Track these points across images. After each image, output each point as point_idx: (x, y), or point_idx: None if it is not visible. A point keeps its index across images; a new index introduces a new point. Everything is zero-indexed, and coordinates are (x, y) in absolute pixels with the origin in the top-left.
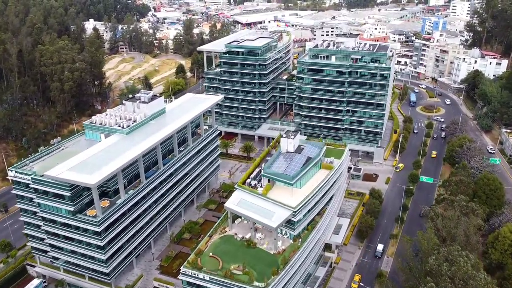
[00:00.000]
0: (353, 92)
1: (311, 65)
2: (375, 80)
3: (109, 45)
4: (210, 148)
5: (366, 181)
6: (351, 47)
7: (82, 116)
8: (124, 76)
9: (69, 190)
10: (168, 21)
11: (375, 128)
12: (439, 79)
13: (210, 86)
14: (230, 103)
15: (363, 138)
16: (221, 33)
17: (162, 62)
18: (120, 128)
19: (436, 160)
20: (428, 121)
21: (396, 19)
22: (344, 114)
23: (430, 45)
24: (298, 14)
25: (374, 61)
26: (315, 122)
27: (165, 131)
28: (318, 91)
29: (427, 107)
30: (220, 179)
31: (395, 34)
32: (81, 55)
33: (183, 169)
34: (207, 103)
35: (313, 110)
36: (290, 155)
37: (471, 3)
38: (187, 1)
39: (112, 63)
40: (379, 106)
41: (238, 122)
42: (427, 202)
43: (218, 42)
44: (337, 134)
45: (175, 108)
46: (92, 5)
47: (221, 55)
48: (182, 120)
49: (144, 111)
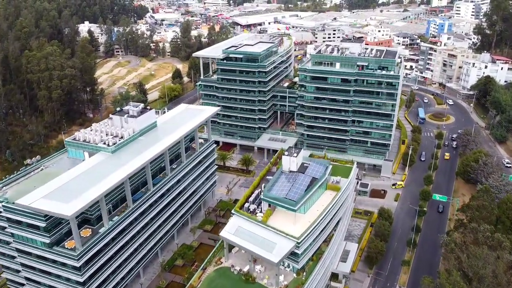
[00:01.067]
0: (359, 102)
1: (314, 73)
2: (382, 89)
3: (104, 48)
4: (206, 163)
5: (373, 198)
6: (357, 53)
7: (73, 125)
8: (118, 81)
9: (44, 221)
10: (166, 23)
11: (382, 140)
12: (447, 84)
13: (207, 94)
14: (228, 112)
15: (370, 150)
16: (220, 35)
17: (158, 66)
18: (105, 146)
19: (448, 174)
20: (437, 131)
21: (398, 21)
22: (349, 125)
23: (438, 49)
24: (298, 15)
25: (381, 69)
26: (318, 133)
27: (155, 148)
28: (321, 100)
29: (436, 115)
30: (217, 195)
31: (400, 37)
32: (71, 61)
33: (176, 188)
34: (203, 115)
35: (316, 120)
36: (293, 175)
37: (476, 4)
38: (186, 2)
39: (107, 67)
40: (387, 116)
41: (237, 132)
42: (441, 223)
43: (216, 47)
44: (341, 146)
45: (168, 122)
46: (88, 7)
47: (218, 61)
48: (174, 136)
49: (133, 126)
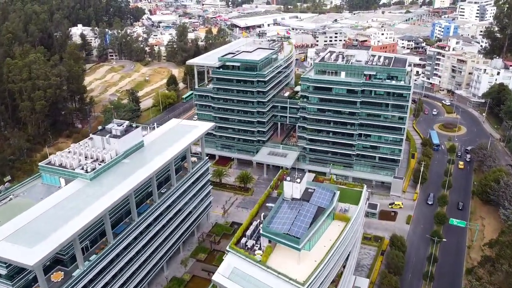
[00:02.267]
0: (366, 114)
1: (317, 82)
2: (392, 100)
3: (98, 52)
4: (199, 184)
5: (383, 220)
6: (364, 61)
7: (59, 137)
8: (111, 88)
9: (5, 267)
10: (163, 25)
11: (391, 155)
12: (456, 91)
13: (202, 104)
14: (225, 124)
15: (378, 165)
16: (217, 38)
17: (153, 71)
18: (82, 172)
19: (463, 192)
20: (449, 144)
21: (401, 22)
22: (355, 139)
23: (446, 54)
24: (298, 17)
25: (390, 78)
26: (321, 147)
27: (141, 174)
28: (325, 111)
29: (446, 125)
30: (212, 217)
31: (404, 40)
32: (57, 69)
33: (166, 215)
34: (195, 133)
35: (319, 133)
36: (296, 204)
37: (480, 6)
38: (184, 3)
39: (100, 72)
40: (397, 130)
41: (234, 145)
42: (458, 251)
43: (211, 54)
44: (347, 161)
45: (156, 140)
46: (81, 9)
47: (213, 70)
48: (163, 158)
49: (116, 147)
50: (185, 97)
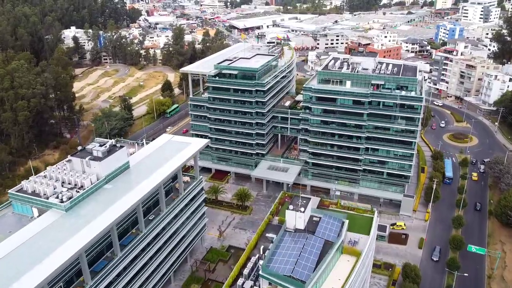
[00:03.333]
0: (374, 127)
1: (321, 93)
2: (402, 112)
3: (91, 56)
4: (193, 206)
5: (393, 244)
6: (371, 69)
7: (46, 148)
8: (104, 94)
9: None
10: (160, 27)
11: (401, 171)
12: (465, 98)
13: (197, 115)
14: (221, 136)
15: (386, 182)
16: (215, 41)
17: (148, 76)
18: (57, 202)
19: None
20: (461, 156)
21: (403, 24)
22: (362, 153)
23: (454, 59)
24: (298, 18)
25: (400, 88)
26: (325, 161)
27: (124, 203)
28: (329, 124)
29: (457, 135)
30: (207, 240)
31: (408, 43)
32: (42, 77)
33: (154, 245)
34: (188, 151)
35: (323, 146)
36: (300, 236)
37: (484, 7)
38: (182, 4)
39: (92, 77)
40: (407, 144)
41: (231, 158)
42: (477, 281)
43: (207, 60)
44: (353, 177)
45: (144, 160)
46: (75, 11)
47: (209, 78)
48: (151, 182)
49: (97, 171)
50: (169, 111)
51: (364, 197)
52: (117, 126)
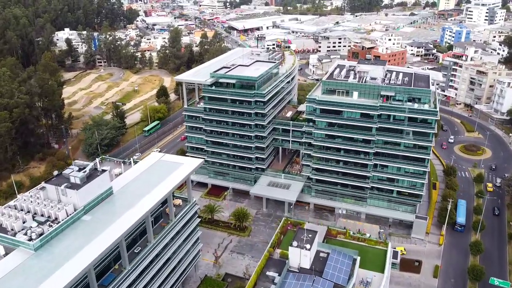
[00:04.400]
0: (383, 142)
1: (326, 104)
2: (414, 127)
3: (85, 59)
4: (185, 233)
5: (405, 272)
6: (379, 78)
7: (31, 160)
8: (96, 99)
9: None
10: (157, 28)
11: (412, 189)
12: (476, 106)
13: (192, 126)
14: (218, 149)
15: (396, 200)
16: (213, 44)
17: (144, 80)
18: (25, 240)
19: (496, 233)
20: (475, 171)
21: (406, 26)
22: (370, 169)
23: (463, 64)
24: (298, 19)
25: (411, 100)
26: (330, 178)
27: (104, 239)
28: (334, 138)
29: (469, 147)
30: (201, 267)
31: (413, 47)
32: (27, 85)
33: (140, 281)
34: (180, 173)
35: (328, 162)
36: (306, 279)
37: (490, 8)
38: (181, 4)
39: (85, 81)
40: (419, 161)
41: (229, 172)
42: None
43: (202, 68)
44: (359, 195)
45: (130, 185)
46: (70, 12)
47: (205, 87)
48: (137, 212)
49: (74, 200)
50: (147, 129)
51: (372, 217)
52: (108, 136)
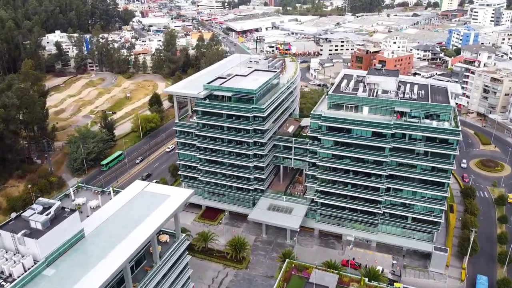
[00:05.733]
0: (397, 163)
1: (332, 121)
2: (433, 148)
3: (75, 63)
4: (173, 275)
5: None
6: (392, 91)
7: (10, 178)
8: (86, 107)
9: None
10: (154, 29)
11: (429, 216)
12: (490, 115)
13: (184, 143)
14: (213, 168)
15: (410, 228)
16: (210, 47)
17: (137, 85)
18: None
19: None
20: (495, 190)
21: (409, 27)
22: (382, 193)
23: (476, 71)
24: (298, 20)
25: (430, 117)
26: (337, 202)
27: None
28: (342, 158)
29: (486, 162)
30: None
31: (420, 50)
32: (3, 96)
33: None
34: (166, 208)
35: (335, 185)
36: None
37: (496, 9)
38: (179, 4)
39: (75, 87)
40: (438, 185)
41: (225, 193)
42: None
43: (196, 78)
44: (370, 220)
45: (107, 223)
46: (62, 13)
47: (198, 101)
48: (113, 262)
49: (34, 250)
50: (105, 162)
51: (384, 245)
52: (94, 149)
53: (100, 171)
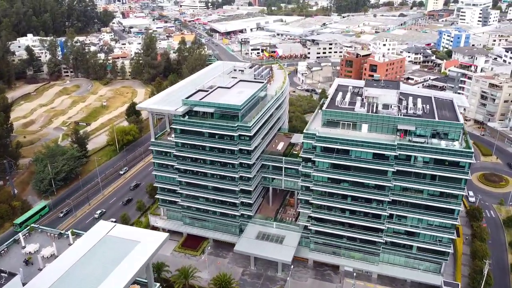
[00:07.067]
0: (401, 188)
1: (328, 141)
2: (442, 171)
3: (48, 69)
4: None
5: None
6: (393, 105)
7: None
8: (58, 118)
9: None
10: (134, 31)
11: (437, 245)
12: (489, 123)
13: (161, 163)
14: (195, 192)
15: (415, 257)
16: (192, 51)
17: (114, 92)
18: None
19: None
20: (502, 209)
21: (396, 27)
22: (384, 221)
23: (473, 76)
24: (283, 21)
25: (436, 135)
26: (333, 230)
27: None
28: (339, 182)
29: (489, 177)
30: None
31: (410, 53)
32: None
33: None
34: (136, 260)
35: (331, 211)
36: None
37: (483, 9)
38: (161, 4)
39: (48, 95)
40: (447, 212)
41: (209, 219)
42: None
43: (174, 91)
44: (371, 249)
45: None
46: (35, 15)
47: (176, 118)
48: None
49: None
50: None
51: (386, 277)
52: (64, 168)
53: (71, 191)
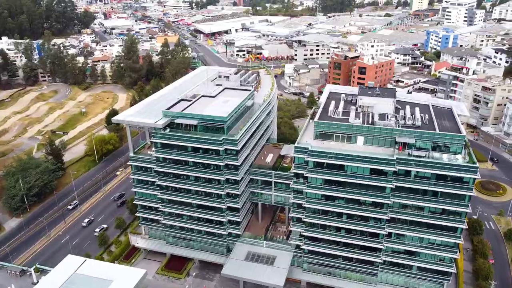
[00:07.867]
0: (400, 205)
1: (321, 156)
2: (444, 187)
3: (24, 74)
4: None
5: None
6: (389, 114)
7: None
8: (33, 126)
9: None
10: (116, 32)
11: (439, 265)
12: (482, 128)
13: (141, 180)
14: (178, 210)
15: (415, 277)
16: (176, 54)
17: (94, 98)
18: None
19: None
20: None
21: (382, 27)
22: (382, 239)
23: (466, 79)
24: (269, 21)
25: (437, 148)
26: (328, 249)
27: None
28: (334, 199)
29: (486, 185)
30: None
31: (399, 54)
32: None
33: None
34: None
35: (325, 229)
36: None
37: (469, 9)
38: (144, 5)
39: (23, 102)
40: (450, 230)
41: (194, 239)
42: None
43: (154, 100)
44: (368, 269)
45: None
46: (11, 17)
47: (156, 132)
48: None
49: None
50: None
51: None
52: (37, 183)
53: (44, 209)
